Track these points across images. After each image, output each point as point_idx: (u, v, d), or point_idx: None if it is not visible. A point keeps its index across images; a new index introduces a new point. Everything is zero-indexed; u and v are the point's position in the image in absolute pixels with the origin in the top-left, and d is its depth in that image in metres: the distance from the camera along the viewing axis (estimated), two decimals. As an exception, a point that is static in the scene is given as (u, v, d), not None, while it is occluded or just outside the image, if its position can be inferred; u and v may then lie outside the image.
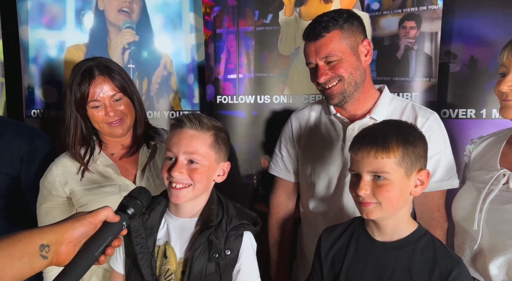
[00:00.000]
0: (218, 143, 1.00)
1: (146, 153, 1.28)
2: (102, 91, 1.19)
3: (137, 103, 1.27)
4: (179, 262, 0.99)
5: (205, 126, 0.98)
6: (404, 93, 1.49)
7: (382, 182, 0.89)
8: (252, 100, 1.63)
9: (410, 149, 0.89)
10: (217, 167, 1.01)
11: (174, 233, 1.02)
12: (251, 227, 1.02)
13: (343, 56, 1.18)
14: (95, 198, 1.18)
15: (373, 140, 0.90)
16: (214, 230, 0.97)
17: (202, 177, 0.98)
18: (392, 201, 0.89)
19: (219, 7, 1.63)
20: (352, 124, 1.25)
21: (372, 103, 1.28)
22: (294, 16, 1.57)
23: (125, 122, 1.23)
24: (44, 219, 1.21)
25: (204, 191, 1.01)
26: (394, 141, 0.89)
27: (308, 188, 1.37)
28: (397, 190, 0.89)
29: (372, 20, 1.52)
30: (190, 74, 1.80)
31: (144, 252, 0.98)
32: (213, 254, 0.96)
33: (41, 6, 1.80)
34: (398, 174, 0.89)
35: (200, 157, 0.97)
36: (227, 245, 0.97)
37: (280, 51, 1.59)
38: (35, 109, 1.86)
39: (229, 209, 1.02)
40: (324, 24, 1.17)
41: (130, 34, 1.82)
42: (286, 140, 1.43)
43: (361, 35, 1.22)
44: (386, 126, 0.94)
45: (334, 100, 1.23)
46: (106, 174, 1.22)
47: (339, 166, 1.26)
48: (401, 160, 0.88)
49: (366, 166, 0.90)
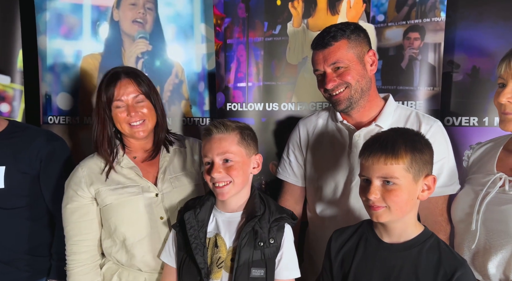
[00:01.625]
0: (245, 139, 1.13)
1: (166, 157, 1.34)
2: (125, 91, 1.26)
3: (159, 109, 1.33)
4: (229, 251, 1.12)
5: (229, 128, 1.12)
6: (409, 102, 1.54)
7: (391, 187, 0.94)
8: (261, 108, 1.69)
9: (418, 156, 0.94)
10: (249, 160, 1.14)
11: (223, 226, 1.15)
12: (290, 220, 1.14)
13: (350, 64, 1.23)
14: (119, 197, 1.24)
15: (382, 147, 0.95)
16: (258, 220, 1.09)
17: (239, 172, 1.11)
18: (400, 205, 0.94)
19: (230, 19, 1.69)
20: (358, 131, 1.30)
21: (377, 111, 1.32)
22: (302, 27, 1.63)
23: (146, 125, 1.29)
24: (70, 219, 1.27)
25: (244, 185, 1.14)
26: (402, 148, 0.93)
27: (315, 193, 1.41)
28: (405, 194, 0.94)
29: (378, 31, 1.58)
30: (201, 82, 1.86)
31: (197, 242, 1.11)
32: (258, 243, 1.08)
33: (59, 17, 1.88)
34: (406, 179, 0.93)
35: (232, 155, 1.11)
36: (270, 234, 1.09)
37: (288, 60, 1.65)
38: (51, 116, 1.93)
39: (270, 204, 1.15)
40: (332, 34, 1.23)
41: (144, 43, 1.88)
42: (294, 146, 1.47)
43: (366, 46, 1.27)
44: (394, 133, 0.99)
45: (340, 106, 1.28)
46: (129, 176, 1.28)
47: (345, 171, 1.31)
48: (409, 166, 0.93)
49: (376, 171, 0.95)
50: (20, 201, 1.42)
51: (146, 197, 1.26)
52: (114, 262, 1.30)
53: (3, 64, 1.78)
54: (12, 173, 1.40)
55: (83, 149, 1.87)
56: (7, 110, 1.80)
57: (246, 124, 1.18)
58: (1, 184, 1.38)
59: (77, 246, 1.26)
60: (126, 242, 1.25)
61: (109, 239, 1.28)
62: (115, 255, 1.27)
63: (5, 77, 1.79)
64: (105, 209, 1.25)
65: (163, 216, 1.27)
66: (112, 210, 1.25)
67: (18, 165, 1.41)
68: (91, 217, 1.27)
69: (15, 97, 1.81)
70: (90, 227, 1.27)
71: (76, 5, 1.88)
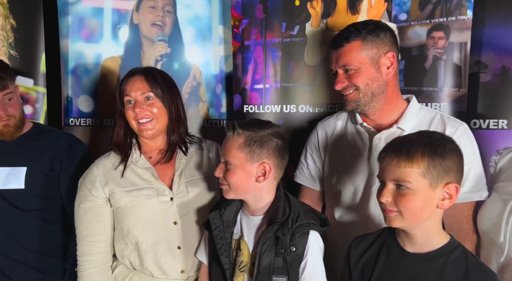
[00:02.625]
0: (249, 145, 1.08)
1: (183, 159, 1.32)
2: (134, 87, 1.26)
3: (174, 111, 1.30)
4: (251, 255, 1.10)
5: (237, 131, 1.10)
6: (433, 103, 1.47)
7: (404, 191, 0.90)
8: (278, 110, 1.66)
9: (437, 161, 0.88)
10: (251, 167, 1.09)
11: (246, 229, 1.14)
12: (317, 227, 1.09)
13: (361, 66, 1.20)
14: (133, 200, 1.23)
15: (398, 149, 0.91)
16: (280, 226, 1.06)
17: (233, 177, 1.09)
18: (413, 211, 0.89)
19: (248, 20, 1.68)
20: (378, 134, 1.25)
21: (399, 113, 1.28)
22: (321, 27, 1.59)
23: (154, 124, 1.26)
24: (82, 218, 1.26)
25: (245, 191, 1.11)
26: (419, 151, 0.89)
27: (333, 197, 1.37)
28: (419, 200, 0.89)
29: (400, 30, 1.52)
30: (218, 84, 1.85)
31: (222, 243, 1.11)
32: (279, 249, 1.04)
33: (80, 21, 1.91)
34: (421, 184, 0.89)
35: (230, 159, 1.09)
36: (292, 241, 1.04)
37: (306, 61, 1.61)
38: (72, 118, 1.96)
39: (296, 208, 1.10)
40: (346, 34, 1.20)
41: (163, 46, 1.89)
42: (312, 149, 1.44)
43: (386, 47, 1.23)
44: (416, 136, 0.95)
45: (348, 106, 1.27)
46: (144, 177, 1.27)
47: (365, 176, 1.26)
48: (426, 171, 0.88)
49: (389, 174, 0.91)
50: (38, 203, 1.44)
51: (160, 201, 1.24)
52: (125, 266, 1.28)
53: (27, 67, 1.83)
54: (33, 174, 1.43)
55: (103, 151, 1.87)
56: (30, 112, 1.84)
57: (276, 131, 1.12)
58: (22, 184, 1.40)
59: (89, 247, 1.25)
60: (139, 246, 1.23)
61: (122, 241, 1.26)
62: (129, 257, 1.26)
63: (29, 80, 1.83)
64: (118, 211, 1.24)
65: (176, 221, 1.25)
66: (125, 213, 1.23)
67: (39, 166, 1.43)
68: (105, 218, 1.26)
69: (38, 99, 1.85)
70: (103, 228, 1.26)
71: (97, 9, 1.91)
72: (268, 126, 1.13)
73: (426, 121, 1.26)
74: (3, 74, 1.38)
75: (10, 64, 1.56)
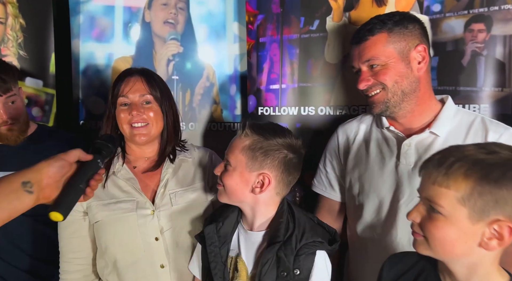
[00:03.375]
0: (253, 150, 0.98)
1: (170, 168, 1.21)
2: (132, 88, 1.16)
3: (170, 118, 1.21)
4: (251, 277, 0.98)
5: (245, 131, 1.00)
6: (471, 105, 1.30)
7: (434, 216, 0.73)
8: (295, 112, 1.52)
9: (487, 188, 0.68)
10: (249, 175, 0.98)
11: (244, 246, 1.01)
12: (325, 246, 0.96)
13: (389, 61, 1.05)
14: (110, 214, 1.12)
15: (440, 161, 0.73)
16: (283, 245, 0.93)
17: (228, 180, 0.99)
18: (442, 243, 0.72)
19: (263, 15, 1.55)
20: (408, 140, 1.10)
21: (432, 116, 1.12)
22: (343, 21, 1.44)
23: (149, 129, 1.17)
24: (62, 234, 1.17)
25: (239, 199, 1.00)
26: (463, 170, 0.70)
27: (355, 210, 1.23)
28: (451, 231, 0.71)
29: (433, 23, 1.36)
30: (233, 85, 1.74)
31: (217, 261, 0.99)
32: (281, 272, 0.92)
33: (91, 20, 1.84)
34: (457, 213, 0.70)
35: (231, 159, 1.00)
36: (296, 264, 0.92)
37: (326, 59, 1.47)
38: (83, 120, 1.90)
39: (301, 223, 0.97)
40: (370, 27, 1.07)
41: (175, 45, 1.80)
42: (331, 155, 1.30)
43: (415, 40, 1.08)
44: (472, 148, 0.74)
45: (375, 109, 1.11)
46: (125, 189, 1.16)
47: (392, 187, 1.11)
48: (467, 198, 0.69)
49: (423, 190, 0.75)
50: (42, 208, 1.37)
51: (140, 215, 1.12)
52: None
53: (36, 68, 1.78)
54: None
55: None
56: (39, 114, 1.78)
57: (289, 142, 1.00)
58: None
59: (68, 264, 1.16)
60: (117, 265, 1.12)
61: (102, 260, 1.16)
62: (107, 277, 1.15)
63: (38, 81, 1.77)
64: (96, 226, 1.14)
65: (158, 237, 1.13)
66: (102, 228, 1.13)
67: None
68: (83, 233, 1.16)
69: (47, 101, 1.80)
70: (83, 245, 1.16)
71: (108, 7, 1.84)
72: (282, 135, 1.00)
73: (464, 126, 1.09)
74: (6, 76, 1.31)
75: (15, 65, 1.50)
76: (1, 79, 1.29)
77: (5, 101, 1.33)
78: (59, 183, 0.86)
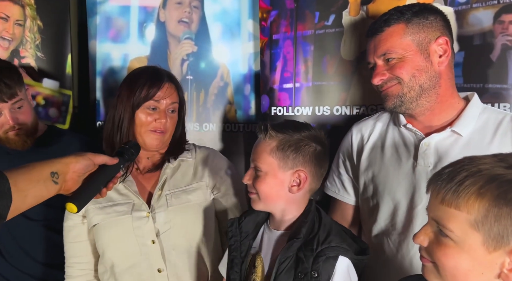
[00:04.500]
0: (282, 150, 0.96)
1: (168, 168, 1.18)
2: (168, 95, 1.14)
3: (180, 125, 1.21)
4: (267, 275, 0.97)
5: (269, 133, 0.98)
6: (501, 104, 1.18)
7: (443, 240, 0.63)
8: (309, 112, 1.45)
9: (506, 211, 0.59)
10: (284, 175, 0.97)
11: (266, 244, 1.01)
12: (350, 254, 0.90)
13: (406, 54, 0.98)
14: (105, 217, 1.10)
15: (451, 175, 0.63)
16: (303, 245, 0.91)
17: (262, 185, 0.97)
18: (453, 273, 0.62)
19: (277, 11, 1.50)
20: (427, 139, 1.02)
21: (455, 114, 1.03)
22: (361, 16, 1.36)
23: (164, 138, 1.15)
24: (66, 238, 1.17)
25: (275, 202, 0.98)
26: (476, 187, 0.59)
27: (369, 214, 1.15)
28: (463, 261, 0.61)
29: (458, 15, 1.25)
30: (247, 84, 1.69)
31: (236, 255, 0.99)
32: (298, 273, 0.90)
33: (108, 20, 1.85)
34: (469, 238, 0.60)
35: (261, 165, 0.97)
36: (314, 265, 0.89)
37: (343, 56, 1.39)
38: (100, 121, 1.91)
39: (327, 227, 0.95)
40: (386, 17, 0.99)
41: (189, 45, 1.77)
42: (345, 155, 1.24)
43: (436, 32, 1.00)
44: (489, 160, 0.63)
45: (388, 103, 1.04)
46: (123, 191, 1.14)
47: (408, 191, 1.03)
48: (480, 221, 0.59)
49: (432, 210, 0.65)
50: (51, 212, 1.37)
51: (135, 217, 1.09)
52: None
53: (53, 69, 1.80)
54: None
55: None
56: (55, 115, 1.80)
57: (314, 134, 0.99)
58: None
59: (71, 269, 1.15)
60: (114, 269, 1.10)
61: (101, 265, 1.14)
62: None
63: (54, 82, 1.79)
64: (93, 230, 1.12)
65: (154, 240, 1.09)
66: (99, 232, 1.11)
67: None
68: (84, 238, 1.15)
69: (64, 102, 1.81)
70: (84, 249, 1.15)
71: (124, 7, 1.84)
72: (305, 129, 1.00)
73: (491, 125, 1.00)
74: (10, 81, 1.27)
75: (17, 67, 1.47)
76: (5, 85, 1.25)
77: (11, 107, 1.29)
78: (80, 179, 0.93)
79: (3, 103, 1.27)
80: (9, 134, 1.32)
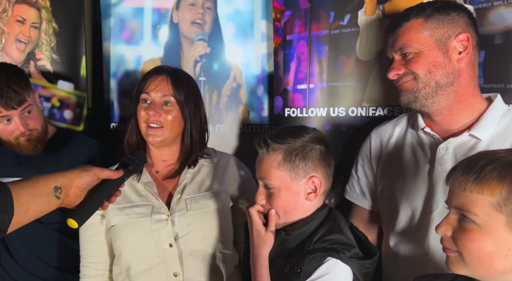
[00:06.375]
0: (290, 161, 0.93)
1: (188, 173, 1.17)
2: (157, 87, 1.13)
3: (194, 124, 1.17)
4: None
5: (271, 147, 0.94)
6: (524, 106, 1.15)
7: (467, 226, 0.65)
8: (324, 113, 1.43)
9: None
10: (297, 185, 0.94)
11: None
12: (343, 255, 0.86)
13: (423, 48, 0.95)
14: (125, 219, 1.09)
15: (469, 165, 0.66)
16: (300, 243, 0.91)
17: (280, 202, 0.94)
18: (478, 257, 0.63)
19: (291, 11, 1.47)
20: (444, 143, 0.98)
21: (475, 116, 1.00)
22: (377, 15, 1.33)
23: (162, 132, 1.13)
24: (82, 237, 1.17)
25: (293, 214, 0.96)
26: (496, 172, 0.62)
27: (387, 220, 1.13)
28: (487, 243, 0.63)
29: (479, 13, 1.21)
30: (260, 85, 1.68)
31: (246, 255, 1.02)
32: (287, 266, 0.90)
33: (122, 22, 1.86)
34: (492, 221, 0.63)
35: (271, 181, 0.94)
36: (300, 262, 0.88)
37: (358, 56, 1.37)
38: (114, 123, 1.91)
39: (330, 228, 0.92)
40: (406, 12, 0.97)
41: (202, 46, 1.77)
42: (364, 160, 1.21)
43: (457, 28, 0.96)
44: (504, 152, 0.69)
45: (403, 97, 1.01)
46: (143, 193, 1.14)
47: (424, 196, 1.00)
48: (503, 203, 0.62)
49: (453, 199, 0.67)
50: (59, 215, 1.37)
51: (154, 220, 1.08)
52: None
53: (68, 71, 1.81)
54: None
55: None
56: (70, 116, 1.81)
57: (314, 136, 0.97)
58: None
59: (87, 269, 1.15)
60: (130, 272, 1.09)
61: (117, 266, 1.13)
62: None
63: (69, 84, 1.81)
64: (111, 230, 1.12)
65: (172, 243, 1.08)
66: (117, 233, 1.10)
67: None
68: (101, 237, 1.14)
69: (78, 103, 1.83)
70: (101, 249, 1.14)
71: (137, 9, 1.84)
72: (304, 132, 0.97)
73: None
74: (18, 88, 1.26)
75: (23, 69, 1.45)
76: (14, 92, 1.24)
77: (20, 113, 1.29)
78: (83, 193, 0.91)
79: (12, 110, 1.26)
80: (20, 140, 1.32)
